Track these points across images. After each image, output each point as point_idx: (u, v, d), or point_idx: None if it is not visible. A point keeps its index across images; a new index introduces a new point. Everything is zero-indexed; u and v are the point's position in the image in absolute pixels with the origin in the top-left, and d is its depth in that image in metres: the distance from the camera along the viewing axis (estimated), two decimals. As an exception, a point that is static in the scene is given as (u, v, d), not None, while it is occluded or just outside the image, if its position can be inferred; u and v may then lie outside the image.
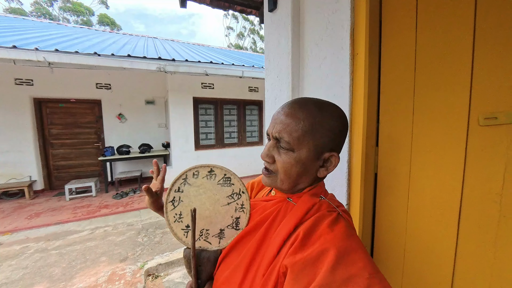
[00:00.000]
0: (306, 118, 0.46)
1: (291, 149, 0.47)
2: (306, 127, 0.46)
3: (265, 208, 0.54)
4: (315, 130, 0.46)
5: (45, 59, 3.14)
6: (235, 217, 0.54)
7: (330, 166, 0.49)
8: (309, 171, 0.49)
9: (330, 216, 0.45)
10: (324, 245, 0.39)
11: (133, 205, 3.97)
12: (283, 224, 0.47)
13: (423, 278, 0.75)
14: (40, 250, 2.58)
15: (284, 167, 0.48)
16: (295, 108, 0.48)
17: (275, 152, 0.50)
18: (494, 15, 0.60)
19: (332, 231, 0.41)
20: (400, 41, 0.75)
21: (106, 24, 17.42)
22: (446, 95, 0.67)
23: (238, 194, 0.54)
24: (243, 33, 21.86)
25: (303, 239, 0.41)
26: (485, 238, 0.63)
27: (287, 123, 0.47)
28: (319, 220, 0.44)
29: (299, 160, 0.47)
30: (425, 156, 0.72)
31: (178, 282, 2.15)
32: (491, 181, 0.62)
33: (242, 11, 2.13)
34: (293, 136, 0.46)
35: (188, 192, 0.55)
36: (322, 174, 0.50)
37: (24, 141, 4.41)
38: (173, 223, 0.55)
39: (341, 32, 0.86)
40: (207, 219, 0.54)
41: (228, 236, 0.54)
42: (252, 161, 5.67)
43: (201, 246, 0.54)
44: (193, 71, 4.16)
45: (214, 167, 0.55)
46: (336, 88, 0.89)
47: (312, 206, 0.48)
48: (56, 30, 6.04)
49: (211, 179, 0.55)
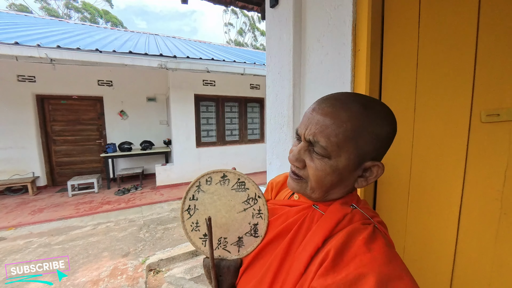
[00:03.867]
0: (350, 120, 0.38)
1: (328, 155, 0.40)
2: (348, 131, 0.38)
3: (288, 215, 0.49)
4: (359, 135, 0.39)
5: (47, 56, 3.14)
6: (252, 224, 0.51)
7: (370, 176, 0.42)
8: (345, 182, 0.43)
9: (366, 230, 0.39)
10: (361, 268, 0.33)
11: (134, 201, 4.00)
12: (310, 236, 0.41)
13: (422, 274, 0.75)
14: (43, 245, 2.61)
15: (317, 175, 0.41)
16: (336, 107, 0.40)
17: (306, 156, 0.43)
18: (498, 11, 0.59)
19: (369, 250, 0.35)
20: (402, 37, 0.74)
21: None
22: (448, 92, 0.67)
23: (254, 199, 0.51)
24: (243, 29, 21.73)
25: (335, 258, 0.35)
26: (485, 235, 0.63)
27: (326, 124, 0.39)
28: (353, 235, 0.38)
29: (336, 169, 0.40)
30: (426, 153, 0.72)
31: (179, 277, 2.17)
32: (492, 178, 0.61)
33: (243, 7, 2.11)
34: (332, 141, 0.39)
35: (203, 199, 0.53)
36: (361, 185, 0.43)
37: (27, 137, 4.44)
38: (191, 232, 0.53)
39: (343, 27, 0.85)
40: (224, 226, 0.52)
41: (247, 244, 0.51)
42: (253, 158, 5.67)
43: (220, 255, 0.52)
44: (194, 68, 4.15)
45: (226, 171, 0.52)
46: (337, 84, 0.89)
47: (343, 217, 0.42)
48: (58, 27, 6.03)
49: (225, 184, 0.52)
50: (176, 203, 3.96)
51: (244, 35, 21.87)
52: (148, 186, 4.87)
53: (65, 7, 16.51)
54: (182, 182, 4.89)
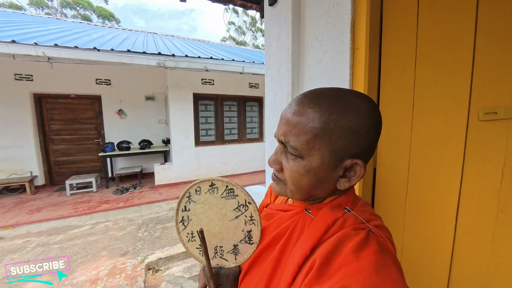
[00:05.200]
0: (318, 116, 0.36)
1: (300, 155, 0.38)
2: (317, 128, 0.36)
3: (282, 220, 0.48)
4: (331, 132, 0.36)
5: (45, 54, 3.12)
6: (246, 231, 0.50)
7: (354, 177, 0.39)
8: (325, 183, 0.40)
9: (357, 236, 0.35)
10: (345, 280, 0.30)
11: (133, 200, 3.99)
12: (299, 244, 0.39)
13: (420, 272, 0.75)
14: (41, 244, 2.60)
15: (292, 177, 0.40)
16: (304, 104, 0.38)
17: (283, 158, 0.42)
18: (496, 9, 0.59)
19: (356, 260, 0.32)
20: (401, 35, 0.74)
21: (105, 17, 17.24)
22: (447, 90, 0.67)
23: (244, 205, 0.50)
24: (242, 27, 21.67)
25: (320, 268, 0.33)
26: (483, 233, 0.64)
27: (294, 123, 0.38)
28: (341, 243, 0.35)
29: (310, 170, 0.38)
30: (424, 151, 0.72)
31: (178, 276, 2.17)
32: (489, 176, 0.62)
33: (242, 6, 2.10)
34: (301, 139, 0.37)
35: (195, 210, 0.53)
36: (343, 186, 0.39)
37: (25, 136, 4.41)
38: (187, 243, 0.54)
39: (342, 26, 0.85)
40: (218, 235, 0.52)
41: (243, 251, 0.50)
42: (252, 158, 5.67)
43: (218, 264, 0.52)
44: (193, 67, 4.13)
45: (214, 180, 0.51)
46: (336, 83, 0.89)
47: (333, 222, 0.39)
48: (55, 25, 5.99)
49: (214, 193, 0.51)
50: (175, 202, 3.93)
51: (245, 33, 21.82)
52: (146, 185, 4.86)
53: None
54: (181, 181, 4.89)
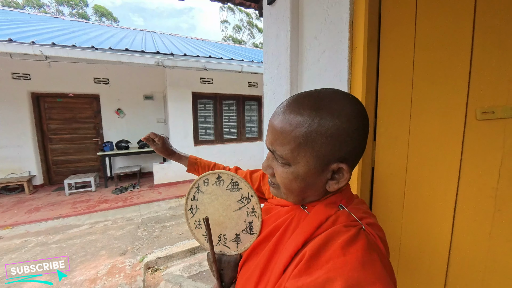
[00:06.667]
0: (299, 125, 0.37)
1: (287, 163, 0.40)
2: (300, 137, 0.37)
3: (279, 214, 0.50)
4: (313, 139, 0.37)
5: (42, 53, 3.10)
6: (248, 222, 0.54)
7: (341, 179, 0.40)
8: (314, 186, 0.41)
9: (347, 233, 0.36)
10: (331, 272, 0.32)
11: (132, 200, 3.99)
12: (292, 238, 0.42)
13: (418, 271, 0.76)
14: (40, 244, 2.60)
15: (283, 182, 0.42)
16: (285, 113, 0.39)
17: (274, 163, 0.43)
18: (494, 9, 0.59)
19: (344, 254, 0.33)
20: (399, 34, 0.74)
21: (102, 15, 17.10)
22: (444, 89, 0.67)
23: (247, 198, 0.55)
24: (239, 25, 21.55)
25: (309, 260, 0.35)
26: (480, 232, 0.64)
27: (278, 132, 0.39)
28: (331, 238, 0.37)
29: (298, 176, 0.40)
30: (422, 150, 0.72)
31: (177, 275, 2.17)
32: (486, 176, 0.62)
33: (241, 4, 2.09)
34: (286, 148, 0.39)
35: (202, 199, 0.57)
36: (332, 188, 0.41)
37: (23, 136, 4.39)
38: (195, 229, 0.59)
39: (340, 25, 0.84)
40: (222, 224, 0.56)
41: (244, 240, 0.55)
42: (252, 156, 5.67)
43: (221, 251, 0.57)
44: (191, 66, 4.12)
45: (221, 173, 0.56)
46: (334, 82, 0.89)
47: (325, 219, 0.40)
48: (52, 24, 5.95)
49: (220, 185, 0.56)
50: (174, 201, 3.96)
51: (242, 32, 21.71)
52: (145, 184, 4.85)
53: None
54: (179, 180, 4.88)
